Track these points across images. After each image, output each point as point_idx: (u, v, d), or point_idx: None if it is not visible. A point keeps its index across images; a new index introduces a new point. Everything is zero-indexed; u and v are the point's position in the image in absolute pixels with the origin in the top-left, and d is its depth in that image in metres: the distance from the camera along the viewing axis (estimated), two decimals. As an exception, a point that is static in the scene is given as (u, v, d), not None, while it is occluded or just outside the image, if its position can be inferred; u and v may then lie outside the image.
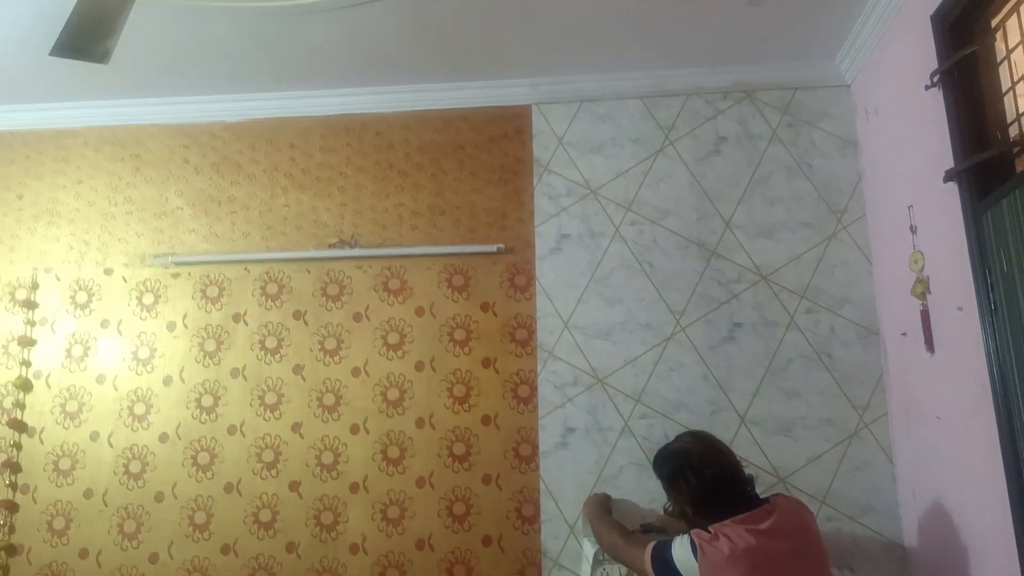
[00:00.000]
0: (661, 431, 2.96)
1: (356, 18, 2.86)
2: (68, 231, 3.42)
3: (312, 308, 3.28)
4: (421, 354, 3.20)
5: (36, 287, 3.36)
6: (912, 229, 2.69)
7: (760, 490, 2.32)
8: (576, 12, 2.87)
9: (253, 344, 3.26)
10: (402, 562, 3.01)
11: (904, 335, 2.78)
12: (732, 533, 2.14)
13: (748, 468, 2.33)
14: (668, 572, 2.24)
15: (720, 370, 3.04)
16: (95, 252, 3.39)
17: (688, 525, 2.30)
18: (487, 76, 3.32)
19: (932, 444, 2.62)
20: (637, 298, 3.13)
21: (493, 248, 3.26)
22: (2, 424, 3.22)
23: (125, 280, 3.35)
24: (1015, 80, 2.25)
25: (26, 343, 3.28)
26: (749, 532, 2.14)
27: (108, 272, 3.37)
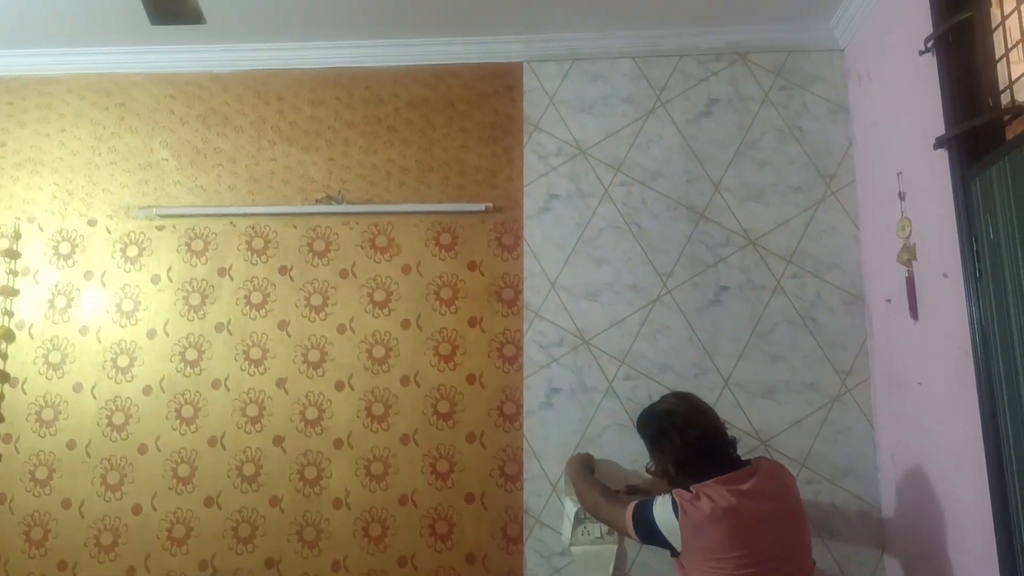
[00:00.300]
0: (645, 392, 2.97)
1: (346, -32, 2.81)
2: (51, 180, 3.37)
3: (298, 264, 3.26)
4: (407, 312, 3.20)
5: (18, 237, 3.32)
6: (901, 196, 2.68)
7: (742, 452, 2.34)
8: (570, -32, 2.83)
9: (238, 299, 3.24)
10: (385, 517, 3.03)
11: (889, 302, 2.79)
12: (714, 493, 2.16)
13: (731, 430, 2.34)
14: (649, 531, 2.26)
15: (705, 333, 3.05)
16: (78, 202, 3.35)
17: (670, 485, 2.32)
18: (479, 32, 3.27)
19: (913, 409, 2.64)
20: (624, 260, 3.13)
21: (481, 207, 3.24)
22: (-16, 374, 3.20)
23: (109, 231, 3.32)
24: (1009, 47, 2.24)
25: (8, 293, 3.25)
26: (730, 492, 2.16)
27: (92, 223, 3.33)
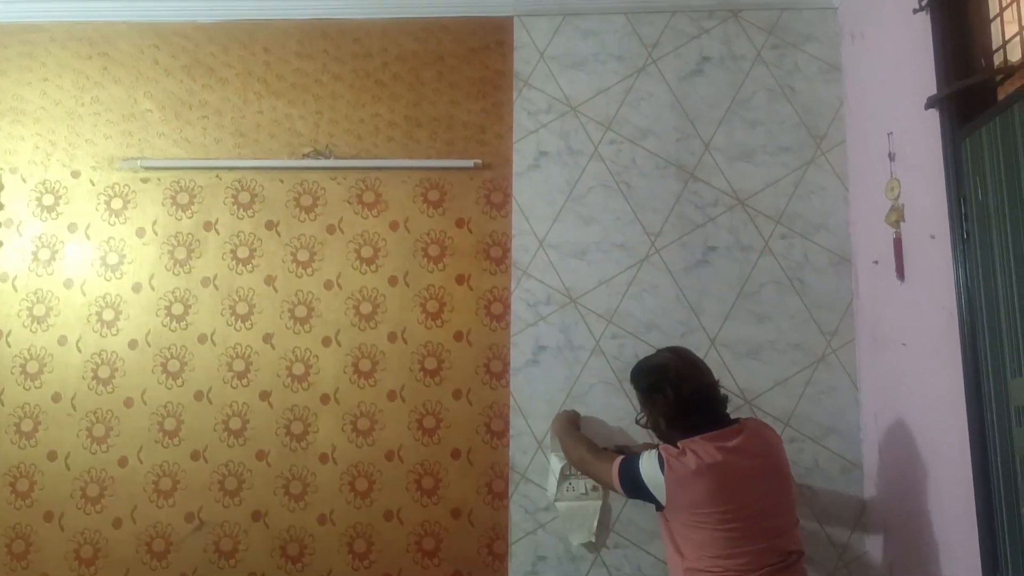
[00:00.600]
0: (632, 351, 2.98)
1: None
2: (34, 130, 3.32)
3: (285, 219, 3.24)
4: (395, 269, 3.18)
5: (1, 188, 3.28)
6: (891, 156, 2.68)
7: (728, 412, 2.36)
8: (563, -81, 2.78)
9: (224, 253, 3.22)
10: (371, 472, 3.05)
11: (876, 263, 2.80)
12: (700, 449, 2.18)
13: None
14: (634, 486, 2.29)
15: (693, 293, 3.05)
16: (62, 153, 3.30)
17: (659, 438, 2.35)
18: (469, -16, 3.23)
19: (896, 370, 2.67)
20: (613, 218, 3.12)
21: (470, 163, 3.21)
22: (-32, 326, 3.18)
23: (93, 183, 3.28)
24: (1003, 6, 2.23)
25: (-9, 245, 3.22)
26: (716, 449, 2.18)
27: (75, 175, 3.29)
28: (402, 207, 3.22)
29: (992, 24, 2.29)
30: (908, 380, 2.59)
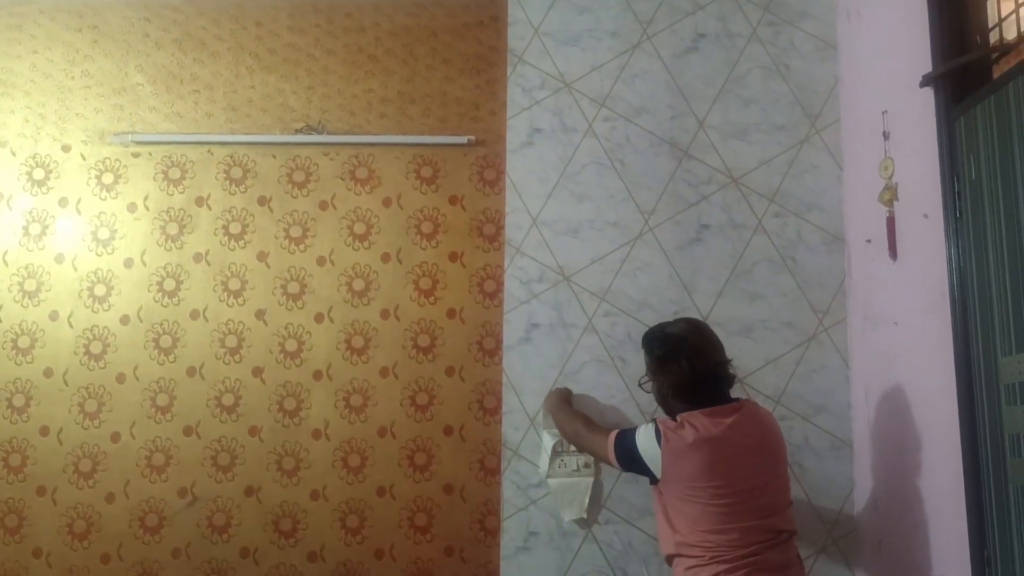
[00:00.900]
0: (624, 330, 2.99)
1: None
2: (23, 103, 3.29)
3: (277, 194, 3.22)
4: (388, 245, 3.18)
5: (-10, 162, 3.26)
6: (885, 135, 2.67)
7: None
8: None
9: (216, 229, 3.20)
10: (364, 448, 3.06)
11: (869, 242, 2.80)
12: (698, 422, 2.19)
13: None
14: (630, 459, 2.30)
15: (686, 271, 3.05)
16: (52, 127, 3.28)
17: (660, 404, 2.36)
18: (463, -42, 3.21)
19: (887, 348, 2.68)
20: (607, 196, 3.11)
21: (463, 140, 3.20)
22: (-42, 301, 3.17)
23: (84, 158, 3.26)
24: (1001, -17, 2.22)
25: (-19, 219, 3.20)
26: (714, 424, 2.19)
27: (66, 149, 3.26)
28: (395, 183, 3.21)
29: (988, 2, 2.28)
30: (899, 359, 2.60)
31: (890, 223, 2.62)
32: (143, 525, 3.03)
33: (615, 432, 2.38)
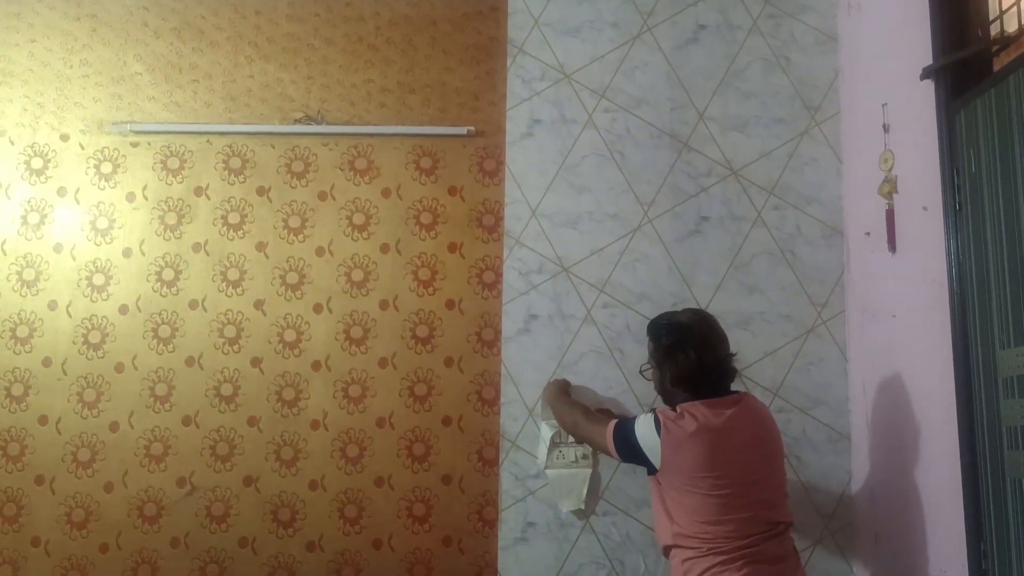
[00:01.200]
0: (623, 322, 2.99)
1: None
2: (22, 92, 3.28)
3: (276, 185, 3.22)
4: (387, 236, 3.18)
5: (-11, 151, 3.25)
6: (885, 127, 2.67)
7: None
8: None
9: (215, 219, 3.20)
10: (362, 438, 3.06)
11: (868, 235, 2.80)
12: (698, 413, 2.20)
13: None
14: (629, 449, 2.30)
15: (685, 263, 3.05)
16: (50, 116, 3.27)
17: (660, 394, 2.36)
18: (463, -52, 3.20)
19: (885, 341, 2.68)
20: (606, 188, 3.10)
21: (463, 131, 3.20)
22: (-44, 289, 3.16)
23: (82, 147, 3.25)
24: (1002, -24, 2.21)
25: (-21, 208, 3.19)
26: (715, 415, 2.20)
27: (64, 138, 3.26)
28: (394, 174, 3.20)
29: (990, -6, 2.28)
30: (897, 352, 2.60)
31: (889, 216, 2.62)
32: (142, 515, 3.03)
33: (614, 422, 2.39)
